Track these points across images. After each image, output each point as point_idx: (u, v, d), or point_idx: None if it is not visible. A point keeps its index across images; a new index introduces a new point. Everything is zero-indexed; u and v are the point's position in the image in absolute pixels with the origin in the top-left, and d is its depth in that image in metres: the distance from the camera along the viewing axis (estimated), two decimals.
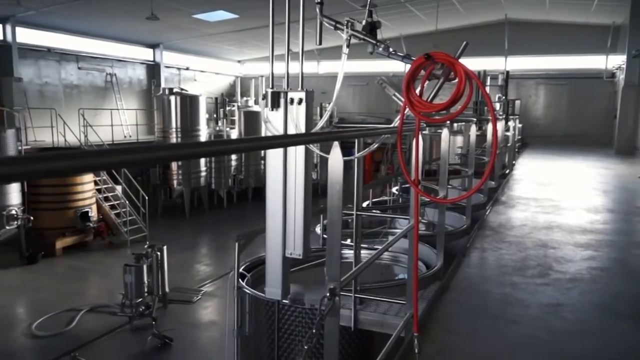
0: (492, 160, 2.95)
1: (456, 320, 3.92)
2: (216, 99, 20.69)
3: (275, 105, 3.80)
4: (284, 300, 4.24)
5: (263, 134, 20.31)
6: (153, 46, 21.32)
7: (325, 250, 5.89)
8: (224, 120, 20.12)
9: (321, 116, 18.79)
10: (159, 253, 9.51)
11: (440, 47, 4.22)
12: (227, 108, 20.52)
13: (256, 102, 21.74)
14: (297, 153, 3.88)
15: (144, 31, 18.51)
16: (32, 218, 12.72)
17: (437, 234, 5.16)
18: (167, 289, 9.74)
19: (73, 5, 14.36)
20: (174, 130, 18.03)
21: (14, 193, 12.28)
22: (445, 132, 4.98)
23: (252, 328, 4.77)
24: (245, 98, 21.71)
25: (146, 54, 21.31)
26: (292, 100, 3.80)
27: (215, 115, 20.30)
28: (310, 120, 3.85)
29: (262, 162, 20.85)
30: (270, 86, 3.89)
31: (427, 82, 2.83)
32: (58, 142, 15.25)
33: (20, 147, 12.67)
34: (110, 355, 7.93)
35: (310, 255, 4.58)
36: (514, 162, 13.83)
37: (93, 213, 14.00)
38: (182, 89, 18.99)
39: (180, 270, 11.74)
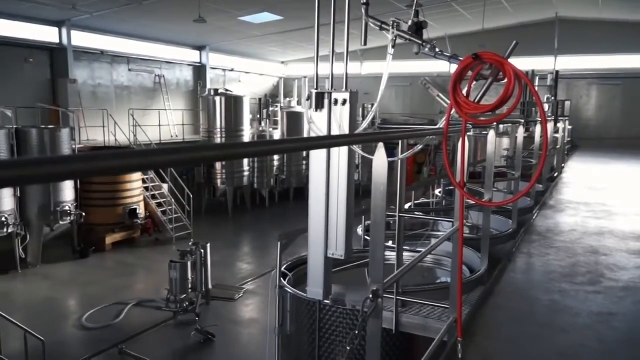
0: (542, 163, 2.87)
1: (501, 327, 3.82)
2: (260, 99, 20.96)
3: (319, 106, 3.81)
4: (326, 301, 4.25)
5: (305, 135, 20.45)
6: (200, 48, 21.81)
7: (367, 252, 5.87)
8: (267, 120, 20.36)
9: (364, 117, 18.72)
10: (202, 250, 9.70)
11: (487, 47, 4.14)
12: (270, 109, 20.76)
13: (299, 103, 21.89)
14: (340, 154, 3.88)
15: (192, 34, 18.96)
16: (84, 214, 13.24)
17: (482, 237, 5.05)
18: (210, 286, 9.93)
19: (125, 10, 14.87)
20: (218, 130, 18.38)
21: (68, 190, 12.80)
22: (491, 134, 4.87)
23: (293, 327, 4.80)
24: (288, 99, 21.90)
25: (193, 55, 21.82)
26: (336, 101, 3.80)
27: (258, 116, 20.57)
28: (354, 121, 3.84)
29: (304, 162, 20.97)
30: (315, 87, 3.90)
31: (474, 82, 2.78)
32: (109, 142, 15.82)
33: (74, 146, 13.20)
34: (156, 348, 8.15)
35: (352, 256, 4.57)
36: (563, 165, 13.39)
37: (141, 210, 14.44)
38: (227, 90, 19.35)
39: (223, 268, 11.95)
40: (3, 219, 11.22)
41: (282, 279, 4.92)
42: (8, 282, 11.28)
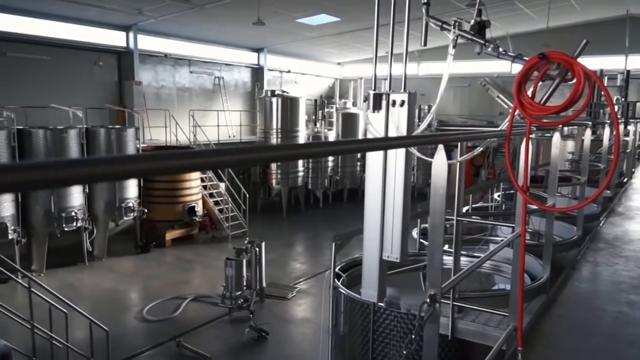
0: (612, 167, 2.73)
1: (564, 337, 3.66)
2: (315, 100, 21.10)
3: (376, 107, 3.79)
4: (380, 303, 4.22)
5: (361, 136, 20.40)
6: (258, 50, 22.21)
7: (422, 255, 5.78)
8: (322, 121, 20.48)
9: (419, 118, 18.50)
10: (257, 249, 9.87)
11: (551, 46, 3.97)
12: (326, 110, 20.87)
13: (354, 104, 21.87)
14: (397, 155, 3.84)
15: (250, 36, 19.34)
16: (146, 211, 13.79)
17: (545, 244, 4.86)
18: (264, 284, 10.09)
19: (187, 14, 15.36)
20: (274, 130, 18.66)
21: (132, 187, 13.38)
22: (556, 136, 4.67)
23: (346, 328, 4.79)
24: (343, 100, 21.93)
25: (251, 57, 22.26)
26: (394, 102, 3.77)
27: (313, 117, 20.73)
28: (412, 123, 3.79)
29: (358, 163, 20.94)
30: (373, 88, 3.89)
31: (539, 83, 2.68)
32: (170, 141, 16.40)
33: (138, 145, 13.77)
34: (211, 343, 8.36)
35: (407, 259, 4.52)
36: (633, 169, 12.66)
37: (199, 208, 14.87)
38: (283, 91, 19.61)
39: (277, 267, 12.12)
40: (73, 213, 11.86)
41: (336, 279, 4.92)
42: (76, 274, 11.92)
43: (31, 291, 6.14)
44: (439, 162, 2.33)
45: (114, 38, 16.76)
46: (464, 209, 7.67)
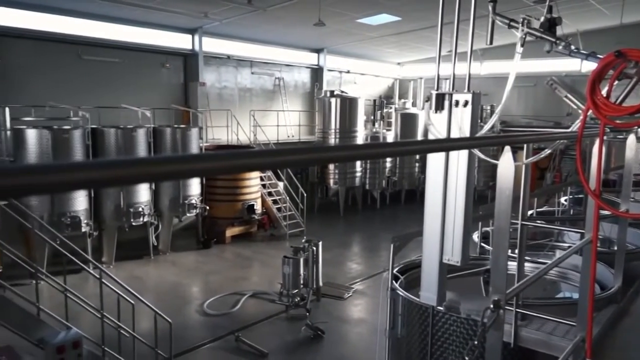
0: None
1: (635, 351, 3.46)
2: (374, 101, 20.99)
3: (439, 107, 3.73)
4: (439, 307, 4.15)
5: (419, 137, 20.12)
6: (317, 51, 22.36)
7: (483, 260, 5.62)
8: (381, 122, 20.35)
9: (480, 119, 17.94)
10: (314, 248, 9.95)
11: (625, 44, 3.76)
12: (385, 110, 20.72)
13: (413, 104, 21.59)
14: (459, 157, 3.76)
15: (310, 37, 19.51)
16: (207, 208, 14.22)
17: (617, 252, 4.60)
18: (320, 283, 10.16)
19: (250, 16, 15.70)
20: (332, 131, 18.74)
21: (195, 185, 13.83)
22: (631, 138, 4.42)
23: (404, 331, 4.75)
24: (402, 100, 21.69)
25: (311, 58, 22.44)
26: (457, 103, 3.70)
27: (372, 117, 20.64)
28: (475, 124, 3.70)
29: (417, 164, 20.66)
30: (435, 88, 3.82)
31: (615, 82, 2.54)
32: (231, 140, 16.83)
33: (201, 144, 14.23)
34: (268, 339, 8.51)
35: (468, 263, 4.41)
36: None
37: (258, 206, 15.17)
38: (342, 92, 19.65)
39: (333, 266, 12.16)
40: (140, 209, 12.42)
41: (394, 281, 4.89)
42: (142, 267, 12.47)
43: (102, 282, 6.48)
44: (506, 164, 2.27)
45: (181, 41, 17.39)
46: (529, 213, 7.41)
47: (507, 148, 2.25)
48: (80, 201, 11.45)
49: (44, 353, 5.58)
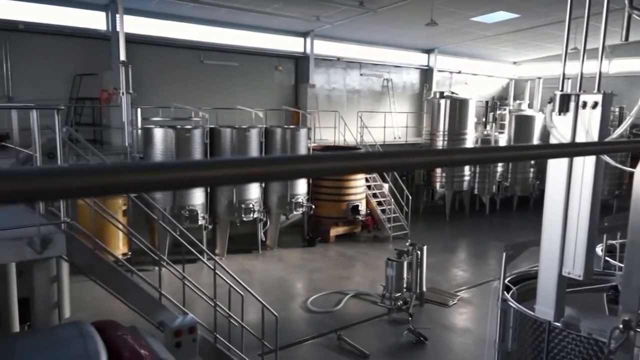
0: None
1: None
2: (486, 102, 20.14)
3: (563, 109, 3.47)
4: (556, 323, 3.87)
5: (535, 141, 18.94)
6: (428, 51, 21.95)
7: (607, 275, 5.16)
8: (493, 124, 19.47)
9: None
10: (419, 252, 9.76)
11: None
12: (497, 112, 19.79)
13: (530, 106, 20.38)
14: (585, 163, 3.48)
15: (421, 37, 19.20)
16: (313, 207, 14.54)
17: None
18: (424, 288, 9.95)
19: (361, 18, 15.82)
20: (441, 133, 18.27)
21: (302, 184, 14.21)
22: None
23: (514, 345, 4.49)
24: (518, 101, 20.57)
25: (420, 59, 22.07)
26: (584, 104, 3.42)
27: (484, 119, 19.81)
28: (605, 127, 3.40)
29: (531, 169, 19.49)
30: (560, 88, 3.57)
31: None
32: (338, 141, 17.06)
33: (309, 144, 14.59)
34: (369, 340, 8.50)
35: (591, 277, 4.07)
36: None
37: (362, 207, 15.22)
38: (452, 93, 19.09)
39: (438, 272, 11.86)
40: (250, 205, 13.02)
41: (505, 292, 4.64)
42: (251, 260, 13.07)
43: (215, 273, 6.89)
44: None
45: (293, 44, 17.98)
46: None
47: None
48: (198, 196, 12.28)
49: (163, 335, 6.05)
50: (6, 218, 4.96)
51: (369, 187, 15.88)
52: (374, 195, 15.89)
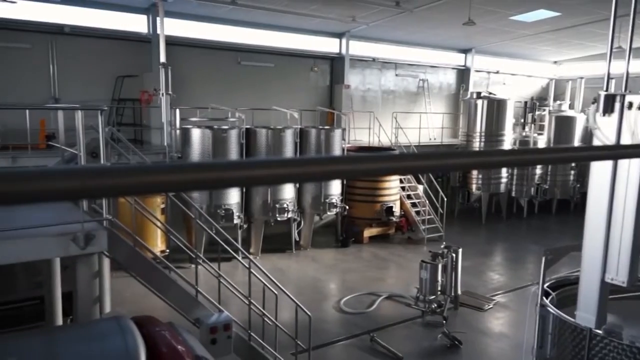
0: None
1: None
2: (525, 102, 19.69)
3: (608, 110, 3.36)
4: (598, 330, 3.75)
5: (576, 143, 18.40)
6: (465, 51, 21.60)
7: None
8: (532, 125, 19.01)
9: None
10: (454, 254, 9.63)
11: None
12: (537, 112, 19.31)
13: (571, 107, 19.82)
14: (630, 166, 3.36)
15: (458, 37, 18.92)
16: (347, 207, 14.53)
17: None
18: (459, 291, 9.81)
19: (397, 18, 15.70)
20: (477, 134, 17.96)
21: (336, 185, 14.22)
22: None
23: (554, 351, 4.38)
24: (558, 102, 20.03)
25: (457, 59, 21.75)
26: (630, 105, 3.30)
27: (522, 120, 19.37)
28: None
29: (572, 172, 18.95)
30: (605, 88, 3.45)
31: None
32: (372, 142, 16.99)
33: (343, 145, 14.58)
34: (403, 342, 8.43)
35: (635, 284, 3.93)
36: None
37: (396, 209, 15.12)
38: (490, 93, 18.74)
39: (473, 275, 11.67)
40: (285, 205, 13.12)
41: (544, 297, 4.53)
42: (284, 260, 13.17)
43: (250, 271, 6.97)
44: None
45: (329, 45, 18.00)
46: None
47: None
48: (233, 195, 12.45)
49: (199, 332, 6.16)
50: (52, 215, 5.15)
51: (403, 188, 15.76)
52: (408, 197, 15.76)
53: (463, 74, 22.00)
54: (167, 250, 11.02)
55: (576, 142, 18.85)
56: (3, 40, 12.90)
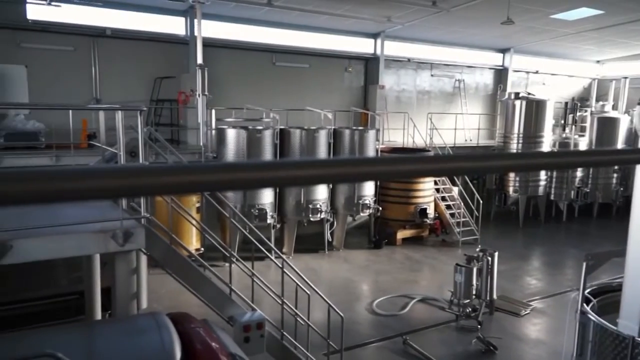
0: None
1: None
2: (566, 103, 19.16)
3: None
4: None
5: (620, 145, 17.78)
6: (503, 51, 21.18)
7: None
8: (573, 126, 18.47)
9: None
10: (489, 258, 9.45)
11: None
12: (578, 113, 18.75)
13: (614, 107, 19.16)
14: None
15: (496, 37, 18.56)
16: (380, 209, 14.45)
17: None
18: (494, 296, 9.62)
19: (433, 18, 15.53)
20: (515, 135, 17.58)
21: (369, 185, 14.15)
22: None
23: None
24: (601, 102, 19.40)
25: (495, 59, 21.34)
26: None
27: (562, 121, 18.85)
28: None
29: (615, 175, 18.32)
30: None
31: None
32: (407, 143, 16.84)
33: (377, 146, 14.51)
34: (436, 346, 8.32)
35: None
36: None
37: (430, 211, 14.93)
38: (529, 93, 18.31)
39: (509, 280, 11.43)
40: (318, 205, 13.14)
41: (584, 304, 4.39)
42: (317, 260, 13.19)
43: (283, 271, 7.01)
44: None
45: (363, 45, 17.95)
46: None
47: None
48: (267, 195, 12.55)
49: (232, 329, 6.23)
50: (93, 212, 5.30)
51: (437, 190, 15.56)
52: (443, 199, 15.55)
53: (501, 74, 21.57)
54: (202, 249, 11.22)
55: (620, 144, 18.21)
56: (48, 42, 13.39)
